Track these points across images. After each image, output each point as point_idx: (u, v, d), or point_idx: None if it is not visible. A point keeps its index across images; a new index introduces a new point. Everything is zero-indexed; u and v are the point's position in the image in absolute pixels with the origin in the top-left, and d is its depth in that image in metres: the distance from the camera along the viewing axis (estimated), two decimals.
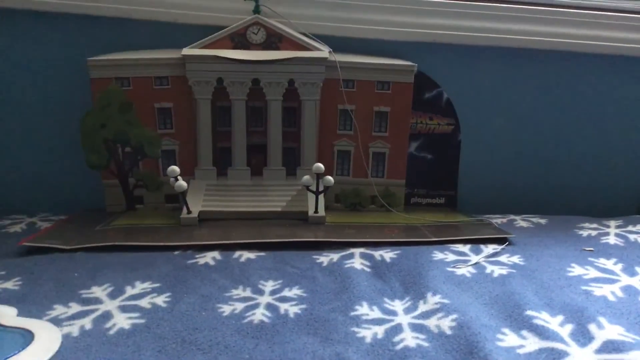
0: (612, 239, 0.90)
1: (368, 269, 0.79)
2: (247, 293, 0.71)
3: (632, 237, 0.91)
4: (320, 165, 0.97)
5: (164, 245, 0.86)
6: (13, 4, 1.00)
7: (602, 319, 0.62)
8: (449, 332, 0.60)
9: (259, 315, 0.65)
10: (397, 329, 0.62)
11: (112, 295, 0.69)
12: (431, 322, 0.63)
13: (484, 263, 0.80)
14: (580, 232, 0.96)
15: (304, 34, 1.03)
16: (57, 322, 0.62)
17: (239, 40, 1.01)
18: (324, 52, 1.01)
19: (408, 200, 1.13)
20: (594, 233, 0.94)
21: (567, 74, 1.12)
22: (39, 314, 0.64)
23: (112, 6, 1.01)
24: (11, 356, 0.54)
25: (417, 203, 1.13)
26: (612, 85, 1.14)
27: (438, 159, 1.12)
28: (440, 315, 0.64)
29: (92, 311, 0.65)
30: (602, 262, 0.80)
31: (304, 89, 1.02)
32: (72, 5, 1.00)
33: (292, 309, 0.66)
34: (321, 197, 1.00)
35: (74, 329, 0.61)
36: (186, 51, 0.99)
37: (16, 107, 1.06)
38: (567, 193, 1.19)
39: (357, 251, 0.85)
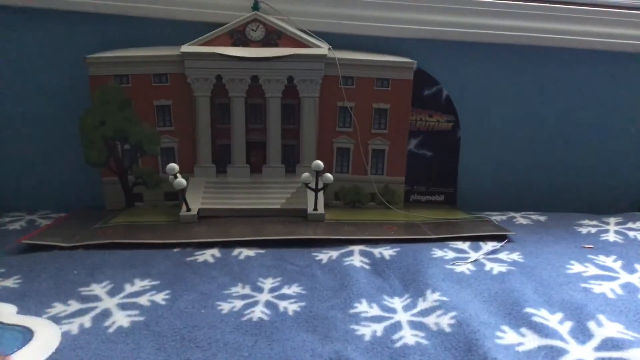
0: (611, 236, 0.90)
1: (367, 267, 0.79)
2: (246, 290, 0.71)
3: (631, 234, 0.91)
4: (320, 162, 0.97)
5: (163, 243, 0.86)
6: (10, 2, 0.99)
7: (601, 317, 0.62)
8: (448, 329, 0.60)
9: (258, 312, 0.65)
10: (397, 326, 0.62)
11: (112, 293, 0.69)
12: (430, 320, 0.63)
13: (483, 260, 0.80)
14: (580, 229, 0.96)
15: (303, 31, 1.03)
16: (56, 319, 0.62)
17: (238, 37, 1.01)
18: (323, 49, 1.01)
19: (407, 198, 1.12)
20: (593, 230, 0.94)
21: (567, 71, 1.12)
22: (38, 312, 0.64)
23: (111, 3, 1.00)
24: (11, 354, 0.54)
25: (416, 200, 1.13)
26: (613, 82, 1.13)
27: (437, 156, 1.12)
28: (439, 312, 0.64)
29: (92, 309, 0.65)
30: (602, 259, 0.80)
31: (303, 86, 1.02)
32: (70, 3, 1.00)
33: (291, 307, 0.66)
34: (320, 195, 1.00)
35: (73, 326, 0.61)
36: (185, 48, 0.99)
37: (15, 105, 1.06)
38: (567, 190, 1.19)
39: (357, 248, 0.85)
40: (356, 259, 0.81)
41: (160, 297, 0.68)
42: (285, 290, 0.71)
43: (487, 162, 1.16)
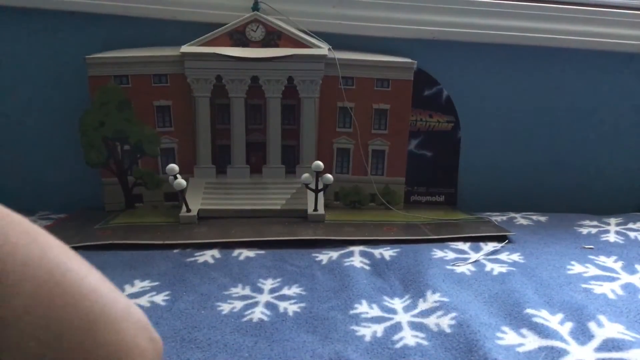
0: (612, 237, 0.90)
1: (367, 267, 0.79)
2: (246, 291, 0.71)
3: (632, 234, 0.91)
4: (320, 163, 0.97)
5: (163, 244, 0.85)
6: (10, 2, 0.99)
7: (602, 317, 0.61)
8: (448, 330, 0.60)
9: (258, 313, 0.65)
10: (397, 327, 0.62)
11: None
12: (430, 321, 0.63)
13: (483, 261, 0.80)
14: (580, 229, 0.95)
15: (303, 31, 1.02)
16: None
17: (238, 37, 1.01)
18: (323, 49, 1.01)
19: (408, 198, 1.12)
20: (594, 231, 0.94)
21: (567, 71, 1.12)
22: None
23: (111, 3, 1.00)
24: None
25: (416, 201, 1.13)
26: (614, 83, 1.13)
27: (438, 156, 1.12)
28: (439, 313, 0.64)
29: None
30: (602, 259, 0.80)
31: (303, 86, 1.02)
32: (70, 3, 1.00)
33: (292, 308, 0.66)
34: (320, 195, 0.99)
35: None
36: (185, 49, 0.99)
37: (15, 106, 1.06)
38: (567, 190, 1.19)
39: (357, 249, 0.84)
40: (356, 259, 0.81)
41: (160, 298, 0.68)
42: (286, 291, 0.71)
43: (487, 163, 1.16)
